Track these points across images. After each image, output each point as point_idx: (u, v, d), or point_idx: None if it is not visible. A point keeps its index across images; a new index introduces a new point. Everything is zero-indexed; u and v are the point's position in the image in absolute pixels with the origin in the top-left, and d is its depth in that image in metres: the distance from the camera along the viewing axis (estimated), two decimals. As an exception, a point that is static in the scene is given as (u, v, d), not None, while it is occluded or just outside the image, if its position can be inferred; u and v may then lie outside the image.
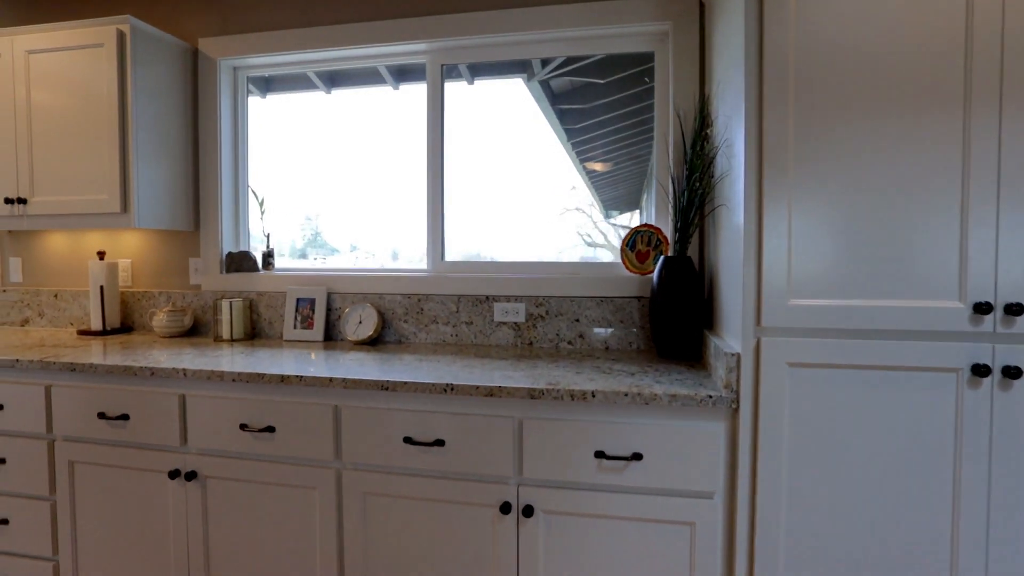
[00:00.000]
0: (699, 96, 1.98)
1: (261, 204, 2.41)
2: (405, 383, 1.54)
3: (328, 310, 2.27)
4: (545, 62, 2.43)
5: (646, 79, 2.21)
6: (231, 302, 2.19)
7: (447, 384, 1.52)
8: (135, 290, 2.48)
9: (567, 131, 2.63)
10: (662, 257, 1.87)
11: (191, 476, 1.70)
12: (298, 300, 2.26)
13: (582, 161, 2.58)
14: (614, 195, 2.56)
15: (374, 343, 2.16)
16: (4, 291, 2.63)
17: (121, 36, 2.07)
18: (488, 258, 2.31)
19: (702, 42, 1.99)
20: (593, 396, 1.44)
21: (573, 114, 2.58)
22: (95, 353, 1.93)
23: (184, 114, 2.35)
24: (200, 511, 1.71)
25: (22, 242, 2.64)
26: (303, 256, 2.53)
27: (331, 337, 2.25)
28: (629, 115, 2.36)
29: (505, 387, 1.48)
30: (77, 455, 1.81)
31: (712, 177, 1.78)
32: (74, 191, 2.14)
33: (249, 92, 2.68)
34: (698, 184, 1.80)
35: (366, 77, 2.51)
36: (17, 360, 1.83)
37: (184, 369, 1.69)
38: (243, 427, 1.64)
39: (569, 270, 2.19)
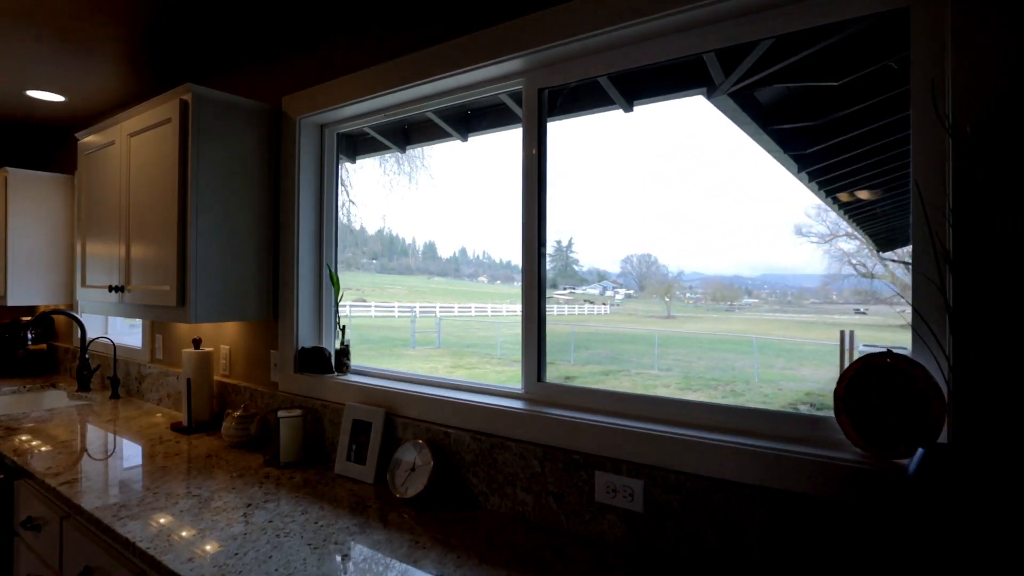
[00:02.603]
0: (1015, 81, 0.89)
1: (336, 288, 1.96)
2: None
3: (389, 439, 1.68)
4: (727, 68, 1.58)
5: (893, 64, 1.17)
6: (280, 420, 1.75)
7: None
8: (230, 381, 2.24)
9: (795, 158, 1.85)
10: (920, 451, 0.83)
11: None
12: (355, 422, 1.72)
13: (827, 193, 1.86)
14: (888, 226, 1.76)
15: (424, 505, 1.48)
16: (150, 365, 2.67)
17: (184, 107, 1.82)
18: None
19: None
20: None
21: (797, 134, 1.75)
22: (135, 469, 1.64)
23: (265, 187, 2.03)
24: None
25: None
26: (554, 286, 2.16)
27: (383, 478, 1.64)
28: (894, 127, 1.47)
29: None
30: (77, 609, 1.51)
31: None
32: (152, 280, 1.95)
33: (386, 148, 2.35)
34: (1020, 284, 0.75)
35: (499, 116, 1.96)
36: (44, 482, 1.63)
37: (134, 544, 1.25)
38: (175, 653, 1.11)
39: (730, 421, 1.22)
